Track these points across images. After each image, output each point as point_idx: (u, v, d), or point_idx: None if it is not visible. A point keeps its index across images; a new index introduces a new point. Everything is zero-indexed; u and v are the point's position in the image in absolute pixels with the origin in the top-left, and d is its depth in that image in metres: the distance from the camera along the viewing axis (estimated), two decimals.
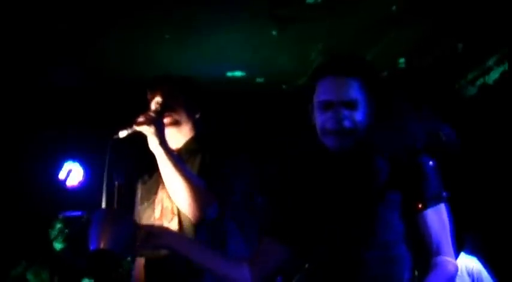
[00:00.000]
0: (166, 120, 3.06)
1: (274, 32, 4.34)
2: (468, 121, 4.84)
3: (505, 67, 4.66)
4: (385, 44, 4.52)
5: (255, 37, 4.42)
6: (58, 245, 4.96)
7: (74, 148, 5.26)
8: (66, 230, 4.82)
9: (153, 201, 3.15)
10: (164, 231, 2.75)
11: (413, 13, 4.15)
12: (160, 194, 3.11)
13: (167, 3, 3.98)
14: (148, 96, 3.17)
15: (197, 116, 3.18)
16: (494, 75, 4.78)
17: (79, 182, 5.21)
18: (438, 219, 2.29)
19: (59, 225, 4.92)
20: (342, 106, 2.28)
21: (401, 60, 4.82)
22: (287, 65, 4.83)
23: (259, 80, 5.08)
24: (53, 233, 4.94)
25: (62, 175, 5.17)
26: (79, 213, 4.87)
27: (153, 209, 3.12)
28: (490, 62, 4.74)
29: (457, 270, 2.29)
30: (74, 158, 5.24)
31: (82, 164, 5.27)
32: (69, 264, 4.80)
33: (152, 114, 2.95)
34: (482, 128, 4.75)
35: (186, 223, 2.95)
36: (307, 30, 4.35)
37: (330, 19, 4.21)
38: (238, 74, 4.95)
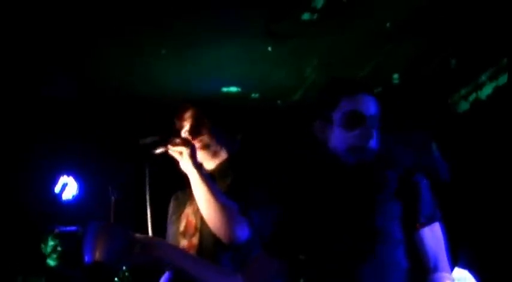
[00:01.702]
0: (197, 145, 3.12)
1: (269, 48, 4.37)
2: (460, 136, 4.86)
3: (498, 82, 4.69)
4: (379, 60, 4.55)
5: (251, 53, 4.44)
6: (52, 262, 4.93)
7: (69, 162, 5.25)
8: (59, 248, 4.79)
9: (180, 215, 3.20)
10: (158, 242, 2.77)
11: (407, 29, 4.18)
12: (188, 209, 3.16)
13: (164, 18, 4.00)
14: (176, 124, 3.24)
15: (225, 138, 3.24)
16: (487, 91, 4.81)
17: (74, 196, 5.20)
18: (434, 236, 2.33)
19: (51, 243, 4.89)
20: (370, 123, 2.32)
21: (396, 76, 4.85)
22: (282, 80, 4.84)
23: (254, 95, 5.09)
24: (46, 249, 4.91)
25: (57, 189, 5.16)
26: (74, 228, 4.86)
27: (179, 224, 3.17)
28: (483, 78, 4.78)
29: None
30: (69, 172, 5.23)
31: (77, 178, 5.26)
32: (64, 277, 4.78)
33: (187, 136, 3.03)
34: (475, 143, 4.76)
35: (206, 240, 2.99)
36: (303, 46, 4.37)
37: (325, 35, 4.24)
38: (233, 89, 4.97)
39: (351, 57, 4.51)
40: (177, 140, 3.01)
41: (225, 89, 4.95)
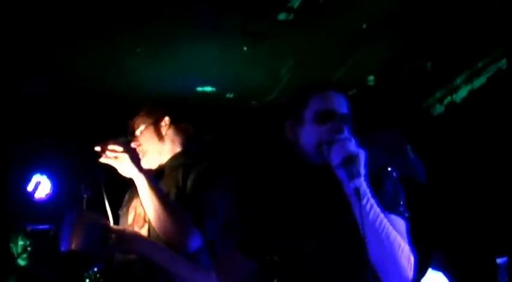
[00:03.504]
0: (140, 155, 3.09)
1: (245, 48, 4.36)
2: (435, 139, 4.89)
3: (473, 86, 4.71)
4: (355, 61, 4.55)
5: (227, 52, 4.42)
6: (22, 262, 4.89)
7: (43, 160, 5.21)
8: (29, 248, 4.74)
9: (129, 207, 3.17)
10: (135, 235, 2.76)
11: (383, 31, 4.19)
12: (136, 201, 3.13)
13: (140, 16, 3.97)
14: (130, 125, 3.23)
15: (164, 132, 3.22)
16: (462, 94, 4.83)
17: (47, 195, 5.15)
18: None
19: (21, 242, 4.85)
20: (340, 119, 2.32)
21: (371, 78, 4.86)
22: (258, 80, 4.84)
23: (229, 95, 5.08)
24: (16, 249, 4.87)
25: (30, 187, 5.11)
26: (46, 226, 4.82)
27: (128, 215, 3.14)
28: (458, 81, 4.80)
29: None
30: (42, 171, 5.18)
31: (50, 176, 5.21)
32: (35, 276, 4.73)
33: (123, 142, 2.98)
34: (450, 146, 4.79)
35: (155, 231, 2.96)
36: (279, 47, 4.36)
37: (301, 36, 4.23)
38: (208, 89, 4.94)
39: (327, 58, 4.52)
40: (113, 147, 2.94)
41: (200, 89, 4.93)
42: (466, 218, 4.53)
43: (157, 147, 3.21)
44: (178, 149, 3.24)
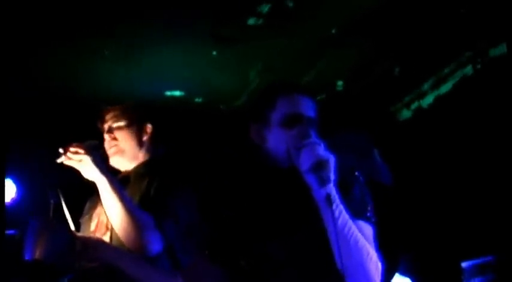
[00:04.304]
0: (111, 150, 3.07)
1: (214, 52, 4.35)
2: (402, 144, 4.92)
3: (439, 91, 4.76)
4: (324, 66, 4.57)
5: (195, 56, 4.41)
6: None
7: (8, 164, 5.14)
8: None
9: (92, 215, 3.15)
10: (100, 243, 2.74)
11: (352, 36, 4.21)
12: (99, 208, 3.11)
13: (107, 18, 3.94)
14: (99, 125, 3.19)
15: (144, 138, 3.20)
16: (428, 100, 4.88)
17: (12, 199, 5.09)
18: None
19: None
20: (308, 122, 2.30)
21: (340, 82, 4.88)
22: (226, 85, 4.83)
23: (197, 99, 5.06)
24: None
25: None
26: (12, 231, 4.75)
27: (91, 222, 3.12)
28: (425, 86, 4.84)
29: None
30: (8, 174, 5.12)
31: (15, 180, 5.15)
32: None
33: (88, 145, 2.95)
34: (415, 151, 4.83)
35: (117, 239, 2.94)
36: (247, 51, 4.36)
37: (270, 40, 4.23)
38: (177, 93, 4.92)
39: (296, 62, 4.53)
40: (75, 149, 2.92)
41: (168, 93, 4.90)
42: (431, 222, 4.58)
43: (134, 151, 3.20)
44: (146, 157, 3.23)
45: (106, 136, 3.19)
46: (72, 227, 2.89)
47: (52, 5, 3.76)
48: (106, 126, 3.24)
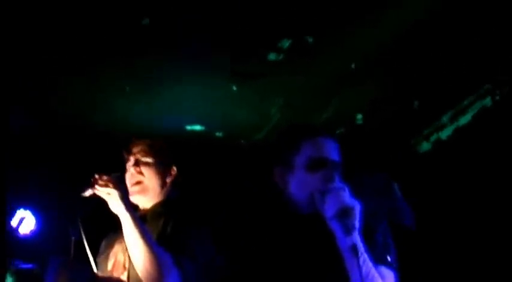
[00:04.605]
0: (135, 188, 3.07)
1: (234, 87, 4.36)
2: (421, 176, 4.90)
3: (458, 123, 4.75)
4: (343, 100, 4.57)
5: (216, 91, 4.42)
6: None
7: (27, 195, 5.17)
8: None
9: (108, 254, 3.14)
10: None
11: (371, 70, 4.22)
12: (116, 247, 3.11)
13: (129, 55, 3.97)
14: (124, 156, 3.20)
15: (168, 180, 3.21)
16: (447, 132, 4.87)
17: (31, 231, 5.11)
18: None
19: (9, 280, 4.78)
20: (332, 167, 2.29)
21: (359, 116, 4.87)
22: (247, 119, 4.84)
23: (218, 134, 5.07)
24: None
25: (14, 223, 5.07)
26: (30, 265, 4.76)
27: (108, 262, 3.11)
28: (444, 119, 4.84)
29: None
30: (27, 206, 5.15)
31: (34, 212, 5.18)
32: None
33: (115, 178, 2.96)
34: (435, 183, 4.80)
35: (134, 278, 2.93)
36: (268, 86, 4.37)
37: (291, 75, 4.24)
38: (197, 127, 4.94)
39: (316, 97, 4.53)
40: (105, 181, 2.93)
41: (189, 127, 4.91)
42: (455, 266, 4.51)
43: (155, 191, 3.21)
44: (164, 197, 3.24)
45: (131, 168, 3.20)
46: (94, 267, 2.89)
47: (73, 38, 3.79)
48: (133, 158, 3.24)
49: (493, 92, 4.45)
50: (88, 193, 2.94)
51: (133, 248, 2.89)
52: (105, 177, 2.93)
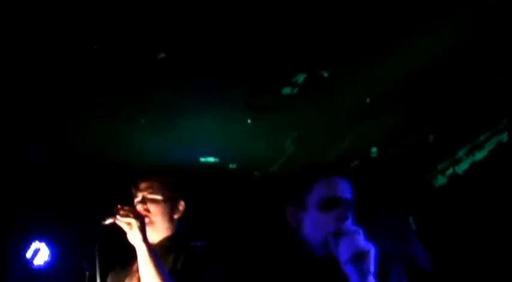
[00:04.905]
0: (145, 219, 3.09)
1: (249, 120, 4.37)
2: (437, 210, 4.88)
3: (474, 158, 4.73)
4: (358, 134, 4.57)
5: (230, 124, 4.43)
6: None
7: (42, 227, 5.18)
8: None
9: None
10: None
11: (386, 105, 4.22)
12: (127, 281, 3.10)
13: (144, 88, 3.99)
14: (133, 190, 3.22)
15: (176, 216, 3.22)
16: (464, 166, 4.85)
17: (45, 262, 5.12)
18: None
19: None
20: (345, 206, 2.28)
21: (374, 149, 4.86)
22: (261, 151, 4.83)
23: (232, 166, 5.07)
24: None
25: (28, 254, 5.08)
26: None
27: None
28: (460, 153, 4.82)
29: None
30: (41, 238, 5.16)
31: (49, 244, 5.19)
32: None
33: (138, 209, 2.99)
34: (451, 217, 4.77)
35: None
36: (282, 119, 4.38)
37: (305, 109, 4.25)
38: (211, 159, 4.94)
39: (330, 131, 4.53)
40: (126, 211, 2.96)
41: (203, 159, 4.92)
42: None
43: (163, 226, 3.23)
44: (172, 231, 3.25)
45: (138, 206, 3.22)
46: None
47: (90, 72, 3.81)
48: (140, 195, 3.27)
49: (510, 128, 4.43)
50: (108, 221, 2.98)
51: (147, 280, 2.90)
52: (126, 208, 2.97)
